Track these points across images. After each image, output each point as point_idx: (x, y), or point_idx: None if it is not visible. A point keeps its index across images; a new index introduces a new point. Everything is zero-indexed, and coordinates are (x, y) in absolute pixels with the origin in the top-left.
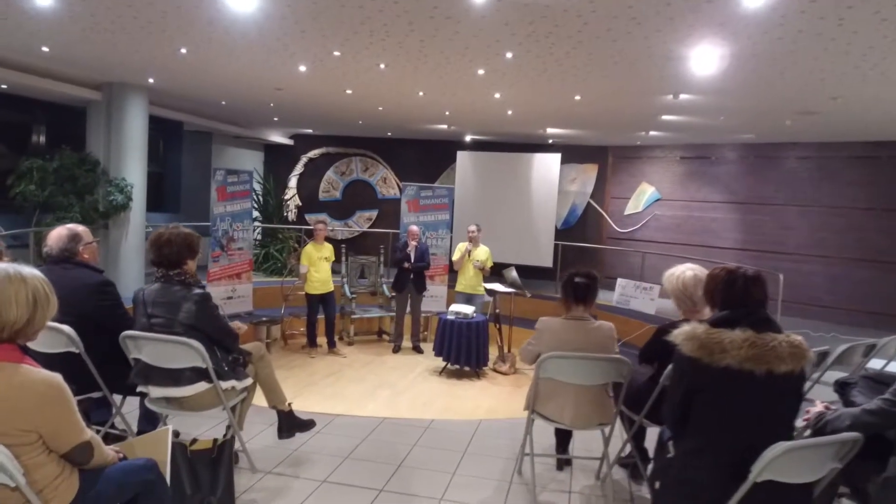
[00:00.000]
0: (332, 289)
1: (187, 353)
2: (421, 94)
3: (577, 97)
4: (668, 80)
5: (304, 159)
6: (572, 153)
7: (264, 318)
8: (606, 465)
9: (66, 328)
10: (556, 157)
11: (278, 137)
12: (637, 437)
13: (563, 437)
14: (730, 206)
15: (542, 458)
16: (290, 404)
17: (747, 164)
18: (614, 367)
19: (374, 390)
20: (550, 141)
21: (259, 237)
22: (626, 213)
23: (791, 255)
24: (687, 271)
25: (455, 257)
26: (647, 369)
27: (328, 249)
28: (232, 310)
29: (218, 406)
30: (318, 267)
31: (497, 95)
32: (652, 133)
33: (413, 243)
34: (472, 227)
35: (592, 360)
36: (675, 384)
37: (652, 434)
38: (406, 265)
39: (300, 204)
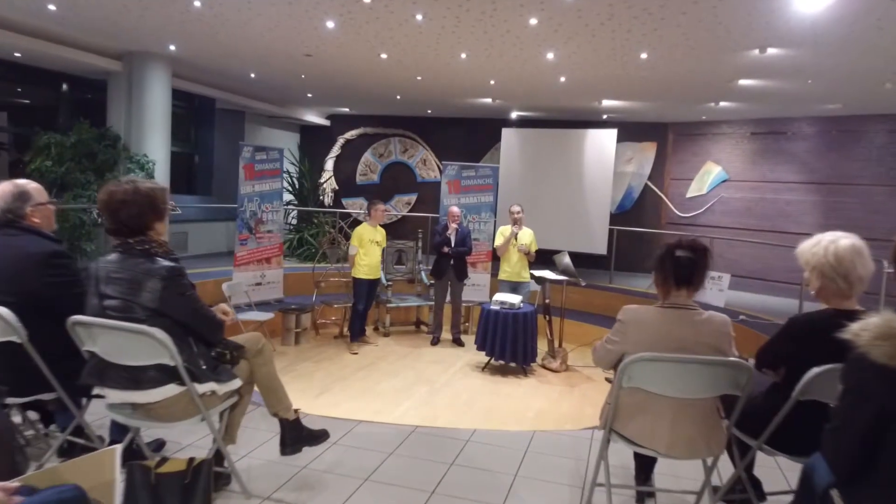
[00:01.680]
0: (380, 276)
1: (150, 345)
2: (463, 56)
3: (644, 55)
4: (757, 29)
5: (340, 141)
6: (628, 130)
7: (293, 307)
8: (709, 499)
9: (2, 310)
10: (611, 134)
11: (314, 117)
12: (747, 465)
13: (645, 462)
14: (808, 186)
15: (619, 488)
16: (297, 411)
17: (829, 139)
18: (731, 373)
19: (410, 387)
20: (605, 117)
21: (294, 221)
22: (689, 195)
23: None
24: (841, 240)
25: (498, 242)
26: (766, 377)
27: (381, 234)
28: (261, 297)
29: (196, 416)
30: (367, 250)
31: (550, 56)
32: (722, 104)
33: (454, 226)
34: (517, 208)
35: (701, 364)
36: (856, 405)
37: (763, 462)
38: (446, 250)
39: (337, 187)
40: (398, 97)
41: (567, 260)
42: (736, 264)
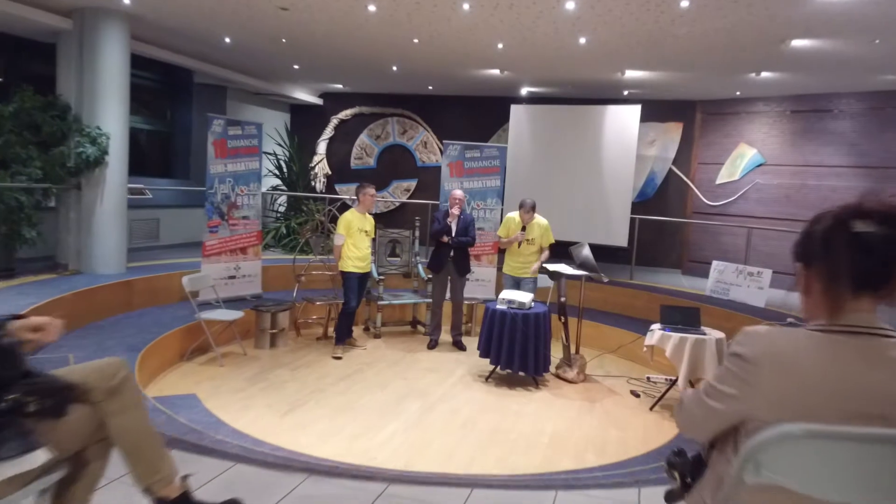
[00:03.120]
0: (370, 270)
1: None
2: (466, 6)
3: (685, 2)
4: None
5: (334, 121)
6: (651, 109)
7: (269, 304)
8: None
9: None
10: (634, 110)
11: (305, 95)
12: None
13: None
14: (856, 171)
15: None
16: (185, 478)
17: (882, 117)
18: None
19: (400, 401)
20: (626, 93)
21: (282, 209)
22: (719, 181)
23: None
24: None
25: (502, 233)
26: None
27: (370, 222)
28: (235, 292)
29: None
30: (356, 240)
31: (569, 5)
32: (764, 75)
33: (455, 212)
34: (528, 204)
35: None
36: None
37: None
38: (445, 239)
39: (330, 172)
40: (394, 68)
41: (586, 252)
42: (772, 259)
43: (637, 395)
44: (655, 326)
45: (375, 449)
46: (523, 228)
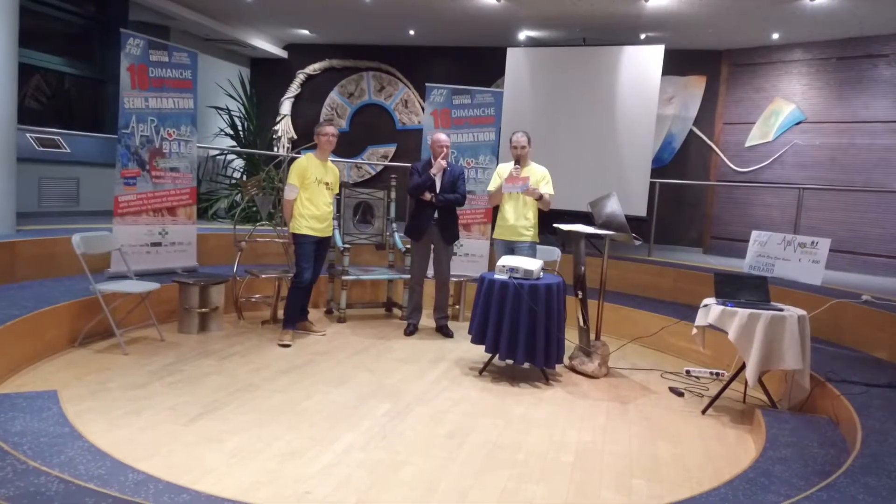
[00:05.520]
0: (332, 234)
1: None
2: None
3: None
4: None
5: (300, 77)
6: (670, 61)
7: (200, 277)
8: None
9: None
10: (656, 51)
11: (267, 44)
12: None
13: None
14: None
15: None
16: None
17: None
18: None
19: (362, 403)
20: (643, 37)
21: (237, 174)
22: (749, 144)
23: None
24: None
25: (492, 187)
26: None
27: (333, 173)
28: (161, 264)
29: None
30: (312, 194)
31: None
32: (819, 1)
33: (442, 163)
34: (520, 136)
35: None
36: None
37: None
38: (428, 196)
39: (295, 136)
40: (367, 0)
41: (613, 205)
42: (814, 232)
43: (680, 394)
44: (710, 301)
45: (315, 477)
46: (517, 162)
